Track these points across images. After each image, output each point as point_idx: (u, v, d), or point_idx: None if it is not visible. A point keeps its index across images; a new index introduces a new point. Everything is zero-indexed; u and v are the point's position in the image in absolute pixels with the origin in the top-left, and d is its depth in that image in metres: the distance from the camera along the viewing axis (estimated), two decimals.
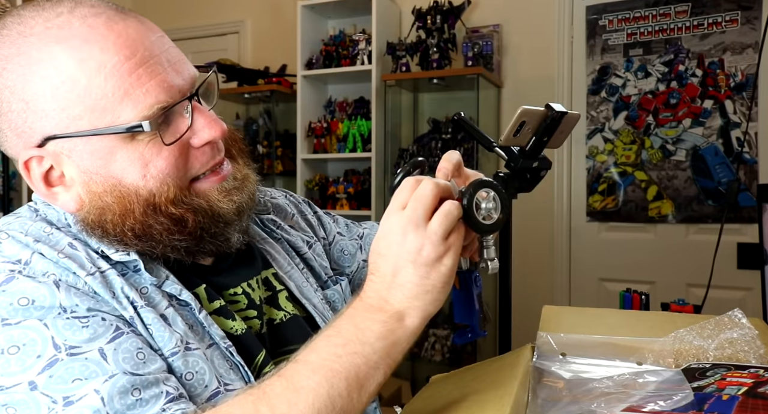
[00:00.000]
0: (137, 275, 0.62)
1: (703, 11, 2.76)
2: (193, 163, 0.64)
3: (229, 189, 0.66)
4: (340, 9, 3.21)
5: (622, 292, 1.59)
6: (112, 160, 0.60)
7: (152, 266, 0.63)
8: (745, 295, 2.55)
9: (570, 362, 0.70)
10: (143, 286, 0.62)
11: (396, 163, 3.04)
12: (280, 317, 0.73)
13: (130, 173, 0.60)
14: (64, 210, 0.63)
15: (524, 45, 3.03)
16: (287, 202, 0.89)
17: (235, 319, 0.67)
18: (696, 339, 0.69)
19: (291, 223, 0.86)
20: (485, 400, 0.59)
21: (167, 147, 0.60)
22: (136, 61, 0.58)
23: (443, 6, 2.91)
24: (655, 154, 2.86)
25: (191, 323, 0.62)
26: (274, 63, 3.45)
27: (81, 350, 0.54)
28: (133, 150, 0.59)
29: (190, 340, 0.60)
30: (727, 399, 0.53)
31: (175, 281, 0.64)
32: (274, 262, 0.77)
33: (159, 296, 0.61)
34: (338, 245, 0.92)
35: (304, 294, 0.77)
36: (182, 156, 0.62)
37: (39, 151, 0.60)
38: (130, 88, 0.57)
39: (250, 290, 0.71)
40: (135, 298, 0.59)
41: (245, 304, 0.70)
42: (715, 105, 2.75)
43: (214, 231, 0.65)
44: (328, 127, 3.18)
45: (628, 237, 2.91)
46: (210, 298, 0.67)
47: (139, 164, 0.60)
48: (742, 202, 2.70)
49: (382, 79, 2.98)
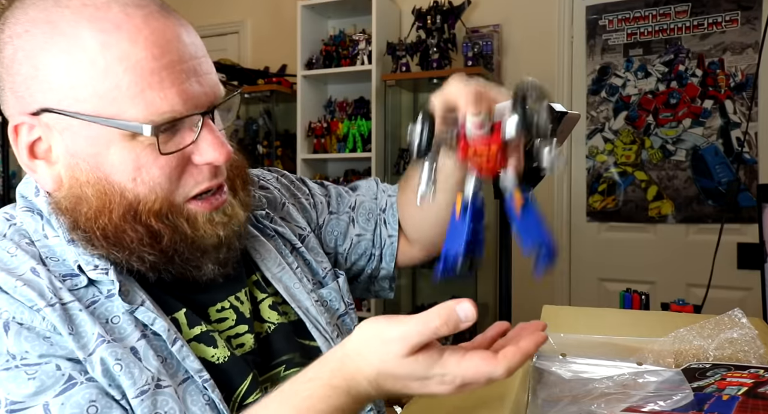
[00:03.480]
0: (109, 302, 0.58)
1: (703, 11, 2.76)
2: (188, 179, 0.60)
3: (217, 221, 0.62)
4: (340, 9, 3.21)
5: (622, 292, 1.59)
6: (105, 153, 0.57)
7: (129, 288, 0.59)
8: (745, 295, 2.55)
9: (570, 362, 0.70)
10: (114, 315, 0.58)
11: (396, 163, 3.04)
12: (265, 329, 0.69)
13: (120, 172, 0.57)
14: (39, 185, 0.61)
15: (524, 45, 3.03)
16: (278, 186, 0.84)
17: (217, 347, 0.62)
18: (696, 339, 0.69)
19: (282, 214, 0.81)
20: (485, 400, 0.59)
21: (164, 156, 0.57)
22: (163, 63, 0.55)
23: (443, 6, 2.91)
24: (655, 154, 2.86)
25: (164, 356, 0.58)
26: (274, 63, 3.45)
27: (23, 406, 0.51)
28: (130, 149, 0.56)
29: (162, 377, 0.56)
30: (727, 399, 0.53)
31: (150, 308, 0.59)
32: (262, 263, 0.73)
33: (131, 326, 0.57)
34: (329, 227, 0.86)
35: (294, 297, 0.72)
36: (178, 169, 0.59)
37: (32, 119, 0.57)
38: (147, 89, 0.55)
39: (239, 304, 0.67)
40: (101, 332, 0.55)
41: (234, 320, 0.66)
42: (715, 105, 2.75)
43: (187, 256, 0.61)
44: (328, 127, 3.18)
45: (628, 237, 2.91)
46: (191, 323, 0.62)
47: (132, 166, 0.57)
48: (742, 202, 2.70)
49: (382, 79, 2.98)
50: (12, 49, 0.57)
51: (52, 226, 0.61)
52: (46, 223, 0.61)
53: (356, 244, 0.87)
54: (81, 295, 0.58)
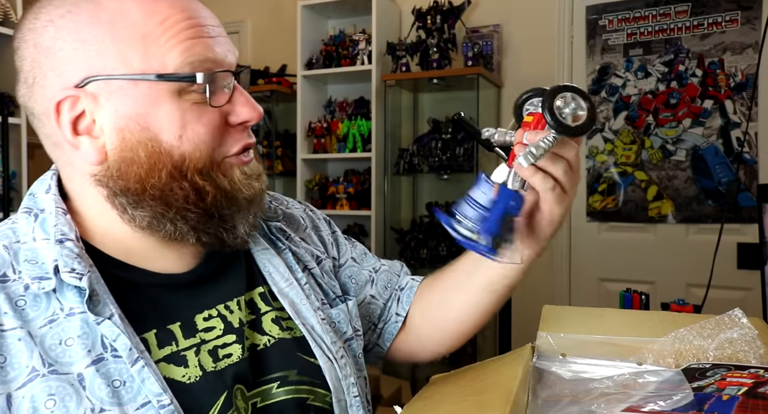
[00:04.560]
0: (67, 322, 0.56)
1: (703, 11, 2.76)
2: (227, 139, 0.63)
3: (250, 174, 0.66)
4: (340, 9, 3.21)
5: (622, 292, 1.59)
6: (155, 112, 0.59)
7: (101, 299, 0.58)
8: (745, 295, 2.55)
9: (570, 362, 0.70)
10: (69, 336, 0.56)
11: (396, 163, 3.04)
12: (264, 342, 0.68)
13: (167, 131, 0.59)
14: (84, 160, 0.61)
15: (524, 45, 3.03)
16: (304, 215, 0.85)
17: (188, 366, 0.61)
18: (696, 339, 0.69)
19: (303, 235, 0.82)
20: (485, 400, 0.59)
21: (208, 112, 0.60)
22: (197, 21, 0.61)
23: (443, 6, 2.91)
24: (655, 154, 2.86)
25: (123, 379, 0.56)
26: (274, 63, 3.45)
27: None
28: (177, 107, 0.59)
29: (106, 406, 0.54)
30: (727, 399, 0.53)
31: (117, 323, 0.57)
32: (270, 277, 0.72)
33: (84, 350, 0.55)
34: (348, 270, 0.85)
35: (300, 314, 0.71)
36: (219, 129, 0.62)
37: (77, 91, 0.58)
38: (188, 40, 0.59)
39: (228, 313, 0.67)
40: (37, 365, 0.54)
41: (222, 330, 0.65)
42: (715, 105, 2.75)
43: (226, 213, 0.64)
44: (328, 127, 3.18)
45: (628, 237, 2.91)
46: (161, 342, 0.61)
47: (179, 123, 0.59)
48: (742, 202, 2.70)
49: (382, 79, 2.98)
50: (53, 31, 0.59)
51: (43, 229, 0.61)
52: (39, 225, 0.61)
53: (366, 304, 0.85)
54: (39, 312, 0.57)
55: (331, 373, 0.69)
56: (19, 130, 2.49)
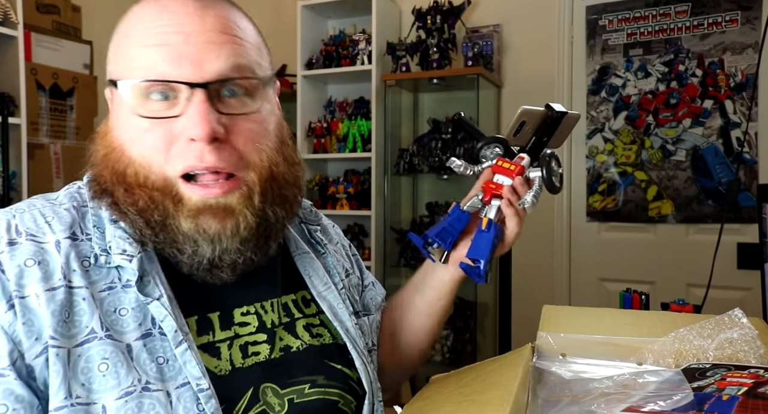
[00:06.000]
0: (123, 292, 0.58)
1: (703, 11, 2.76)
2: (176, 152, 0.59)
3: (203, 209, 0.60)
4: (340, 9, 3.21)
5: (622, 292, 1.59)
6: (119, 119, 0.62)
7: (151, 279, 0.59)
8: (745, 295, 2.55)
9: (570, 362, 0.70)
10: (123, 306, 0.58)
11: (396, 163, 3.04)
12: (297, 346, 0.69)
13: (128, 139, 0.61)
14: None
15: (524, 45, 3.03)
16: (332, 231, 0.88)
17: (220, 358, 0.62)
18: (696, 339, 0.69)
19: (335, 247, 0.84)
20: (485, 400, 0.59)
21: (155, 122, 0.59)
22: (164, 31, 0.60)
23: (443, 6, 2.91)
24: (655, 154, 2.86)
25: (166, 357, 0.57)
26: (274, 63, 3.44)
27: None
28: (132, 115, 0.60)
29: (152, 380, 0.55)
30: (727, 399, 0.53)
31: (165, 304, 0.58)
32: (309, 281, 0.74)
33: (135, 323, 0.57)
34: (369, 293, 0.88)
35: (337, 316, 0.73)
36: (166, 140, 0.59)
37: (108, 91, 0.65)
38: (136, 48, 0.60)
39: (263, 312, 0.68)
40: (96, 327, 0.55)
41: (255, 328, 0.66)
42: (715, 105, 2.75)
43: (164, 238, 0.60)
44: (328, 127, 3.18)
45: (628, 237, 2.91)
46: (200, 331, 0.62)
47: (135, 133, 0.60)
48: (742, 202, 2.70)
49: (382, 79, 2.98)
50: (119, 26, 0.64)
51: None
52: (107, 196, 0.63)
53: (376, 329, 0.85)
54: (101, 277, 0.59)
55: (366, 376, 0.71)
56: (19, 130, 2.48)
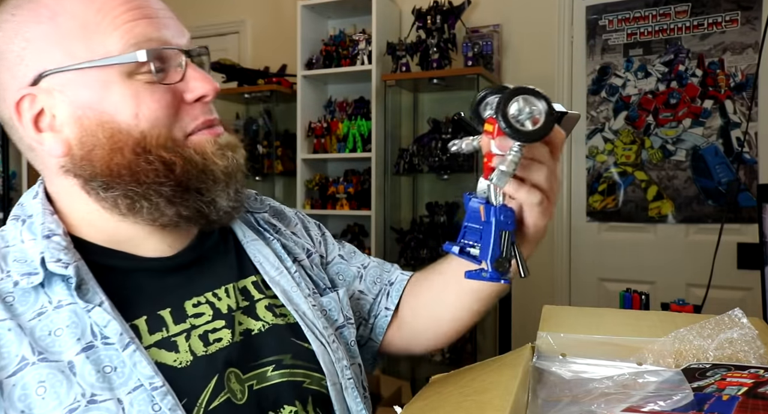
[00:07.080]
0: (56, 313, 0.58)
1: (703, 11, 2.76)
2: (184, 116, 0.64)
3: (224, 144, 0.66)
4: (340, 9, 3.21)
5: (622, 292, 1.60)
6: (107, 95, 0.60)
7: (89, 287, 0.60)
8: (745, 295, 2.55)
9: (570, 362, 0.70)
10: (58, 327, 0.57)
11: (396, 163, 3.04)
12: (258, 327, 0.70)
13: (122, 111, 0.60)
14: (50, 155, 0.63)
15: (524, 45, 3.03)
16: (293, 215, 0.88)
17: (178, 351, 0.62)
18: (696, 339, 0.69)
19: (293, 229, 0.84)
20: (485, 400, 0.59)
21: (160, 90, 0.61)
22: (136, 4, 0.61)
23: (443, 6, 2.91)
24: (655, 154, 2.86)
25: (114, 365, 0.57)
26: (274, 63, 3.45)
27: None
28: (128, 87, 0.60)
29: (98, 391, 0.55)
30: (727, 399, 0.53)
31: (107, 310, 0.59)
32: (261, 266, 0.75)
33: (73, 339, 0.57)
34: (335, 267, 0.87)
35: (291, 300, 0.73)
36: (173, 106, 0.63)
37: (32, 89, 0.61)
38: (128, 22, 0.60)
39: (216, 299, 0.68)
40: (26, 353, 0.55)
41: (211, 316, 0.67)
42: (715, 105, 2.75)
43: (202, 186, 0.64)
44: (328, 127, 3.18)
45: (628, 237, 2.91)
46: (151, 329, 0.62)
47: (132, 103, 0.60)
48: (742, 202, 2.70)
49: (382, 79, 2.98)
50: (0, 36, 0.61)
51: (30, 230, 0.63)
52: (26, 228, 0.64)
53: (356, 300, 0.86)
54: (27, 307, 0.58)
55: (324, 357, 0.71)
56: None
